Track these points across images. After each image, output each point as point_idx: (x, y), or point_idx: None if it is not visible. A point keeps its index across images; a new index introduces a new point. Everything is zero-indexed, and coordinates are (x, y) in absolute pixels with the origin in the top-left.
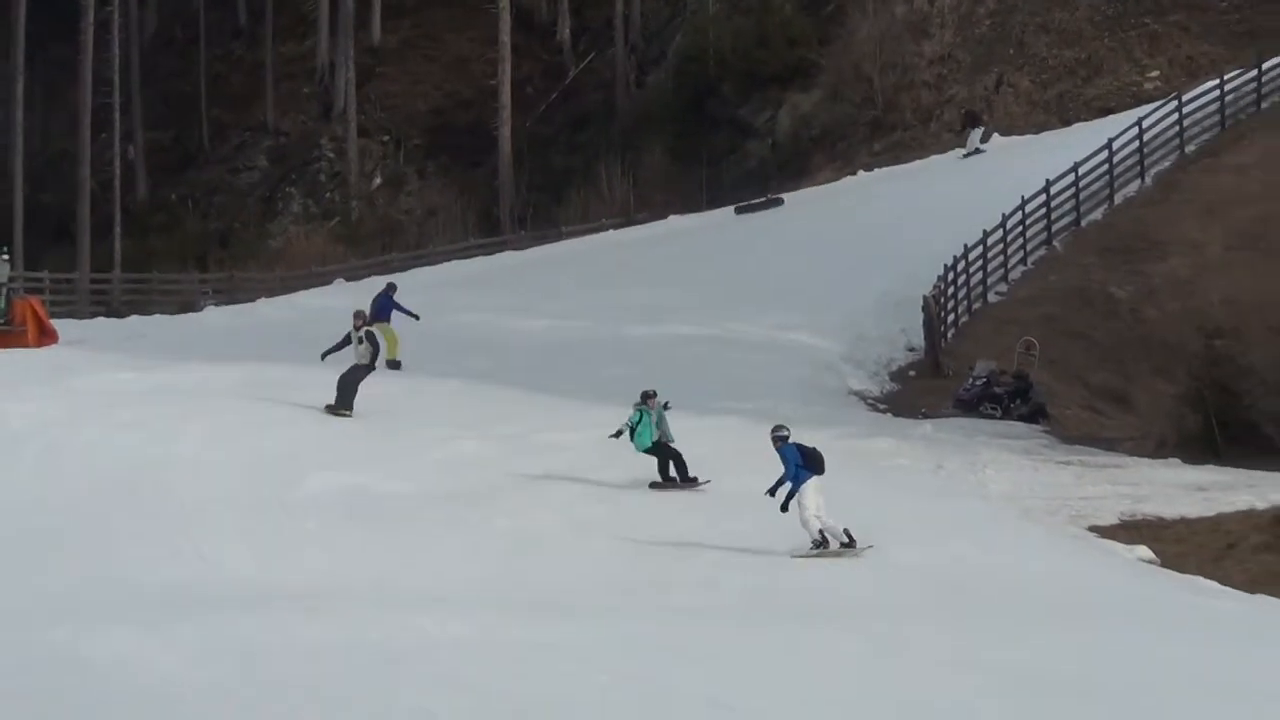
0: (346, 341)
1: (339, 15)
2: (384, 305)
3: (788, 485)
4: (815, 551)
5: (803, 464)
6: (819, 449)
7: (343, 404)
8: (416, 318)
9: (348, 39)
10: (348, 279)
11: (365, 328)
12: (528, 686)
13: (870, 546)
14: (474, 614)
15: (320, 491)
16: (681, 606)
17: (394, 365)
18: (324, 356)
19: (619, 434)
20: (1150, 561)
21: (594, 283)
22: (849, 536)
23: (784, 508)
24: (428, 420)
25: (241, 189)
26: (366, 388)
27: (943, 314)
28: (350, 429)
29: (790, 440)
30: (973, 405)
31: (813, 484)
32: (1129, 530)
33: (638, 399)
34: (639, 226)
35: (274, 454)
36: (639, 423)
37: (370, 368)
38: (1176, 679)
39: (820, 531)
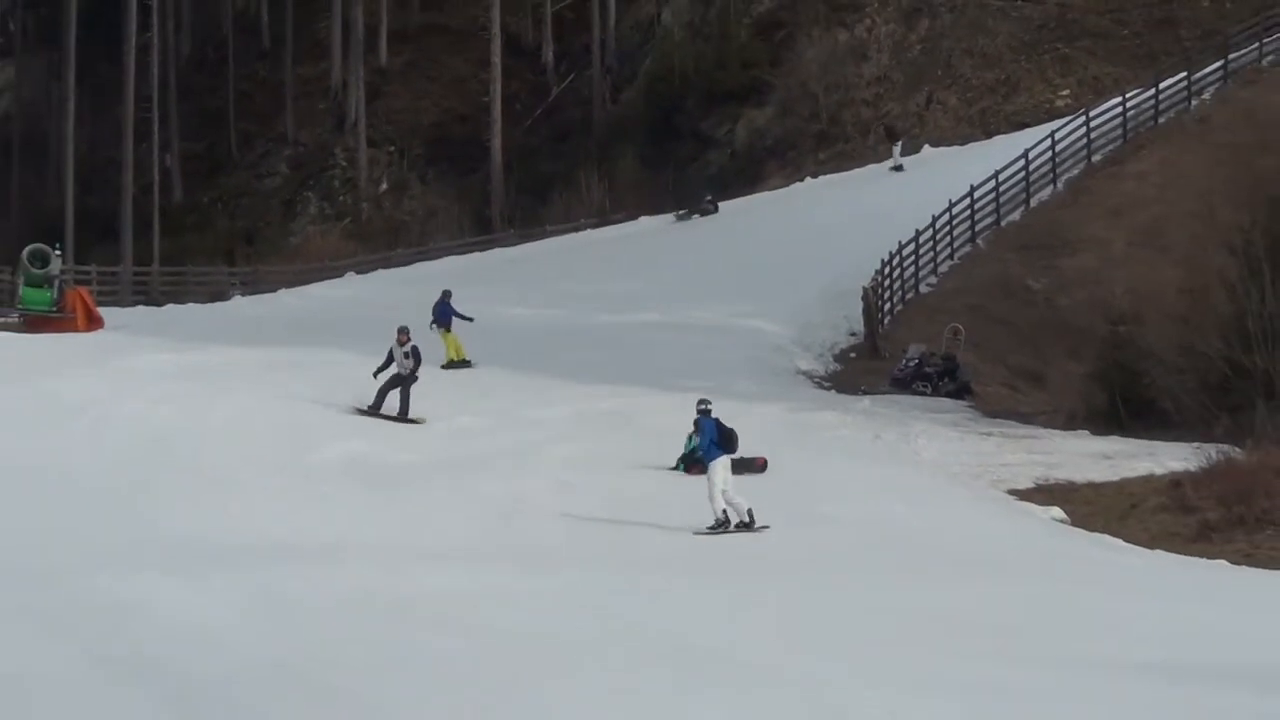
0: (391, 358)
1: (350, 40)
2: (444, 311)
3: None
4: (715, 529)
5: (716, 440)
6: (736, 430)
7: (405, 414)
8: (471, 320)
9: (358, 61)
10: (358, 272)
11: (411, 343)
12: (522, 625)
13: (767, 527)
14: (473, 566)
15: (335, 459)
16: (649, 559)
17: (464, 364)
18: (376, 374)
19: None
20: (1062, 521)
21: (573, 275)
22: (750, 516)
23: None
24: (428, 397)
25: (265, 192)
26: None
27: (880, 303)
28: (360, 403)
29: (712, 415)
30: (906, 383)
31: (722, 461)
32: (1043, 493)
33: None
34: (613, 226)
35: (294, 425)
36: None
37: (414, 378)
38: (1080, 621)
39: (723, 510)
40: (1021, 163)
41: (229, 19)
